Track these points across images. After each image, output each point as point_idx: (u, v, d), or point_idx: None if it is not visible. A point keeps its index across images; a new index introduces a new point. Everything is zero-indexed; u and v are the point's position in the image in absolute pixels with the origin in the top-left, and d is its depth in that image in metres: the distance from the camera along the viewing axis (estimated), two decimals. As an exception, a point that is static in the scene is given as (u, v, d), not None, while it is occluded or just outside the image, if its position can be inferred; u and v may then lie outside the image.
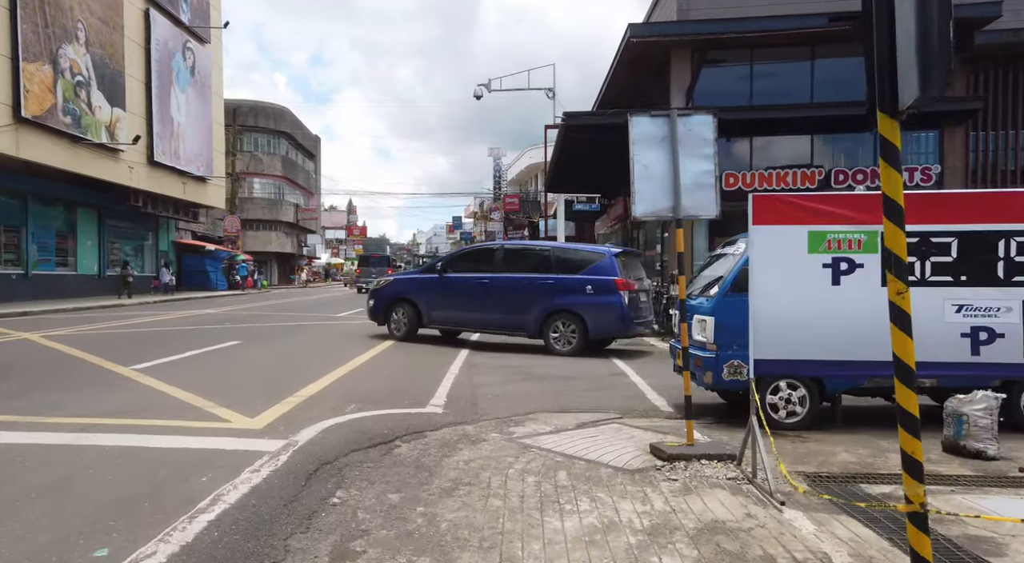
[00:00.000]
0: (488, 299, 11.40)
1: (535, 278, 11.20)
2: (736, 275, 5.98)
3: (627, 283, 10.73)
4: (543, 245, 12.87)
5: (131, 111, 26.73)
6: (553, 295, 10.96)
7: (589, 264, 11.05)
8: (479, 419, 6.03)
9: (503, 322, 11.46)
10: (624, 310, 10.60)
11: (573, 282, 10.94)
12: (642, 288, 11.28)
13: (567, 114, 15.76)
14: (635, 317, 10.89)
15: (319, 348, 10.63)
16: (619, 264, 10.86)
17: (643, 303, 11.35)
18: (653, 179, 5.12)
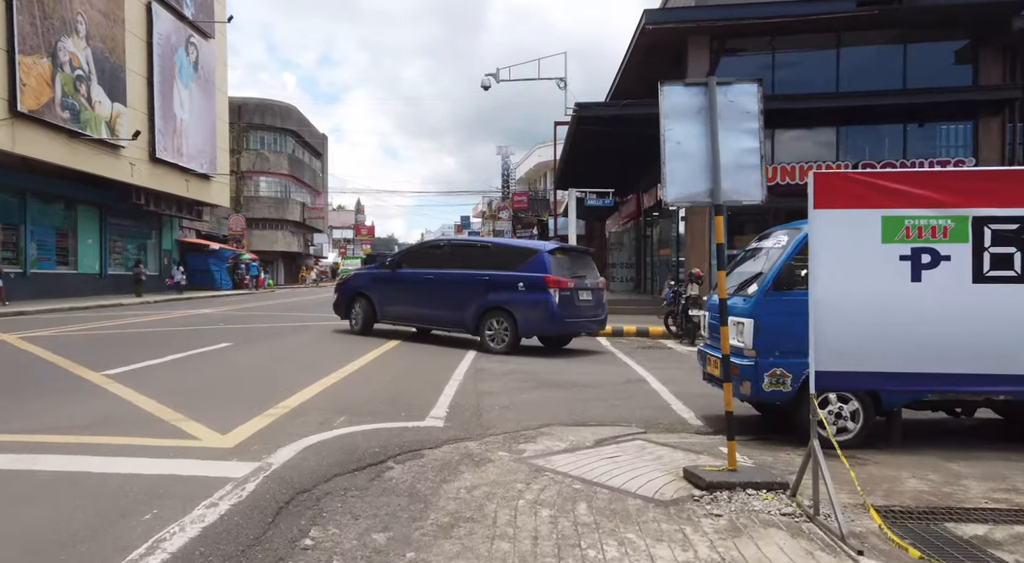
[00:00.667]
0: (433, 295, 11.40)
1: (473, 274, 11.07)
2: (778, 271, 5.23)
3: (558, 280, 10.41)
4: (485, 241, 12.97)
5: (132, 106, 26.20)
6: (488, 292, 10.79)
7: (524, 261, 10.80)
8: (484, 434, 5.32)
9: (445, 318, 11.41)
10: (553, 308, 10.30)
11: (507, 279, 10.72)
12: (582, 286, 10.83)
13: (579, 105, 15.03)
14: (567, 316, 10.49)
15: (315, 351, 9.95)
16: (553, 261, 10.59)
17: (583, 301, 10.87)
18: (687, 158, 4.39)
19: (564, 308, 10.44)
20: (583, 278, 11.01)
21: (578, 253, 11.96)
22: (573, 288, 10.61)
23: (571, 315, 10.60)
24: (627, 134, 17.16)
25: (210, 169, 32.79)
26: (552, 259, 10.65)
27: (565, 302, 10.47)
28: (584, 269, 11.34)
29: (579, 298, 10.78)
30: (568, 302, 10.54)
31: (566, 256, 11.17)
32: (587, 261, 11.76)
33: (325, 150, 65.45)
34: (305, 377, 7.30)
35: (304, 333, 12.75)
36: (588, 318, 11.06)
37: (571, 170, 21.72)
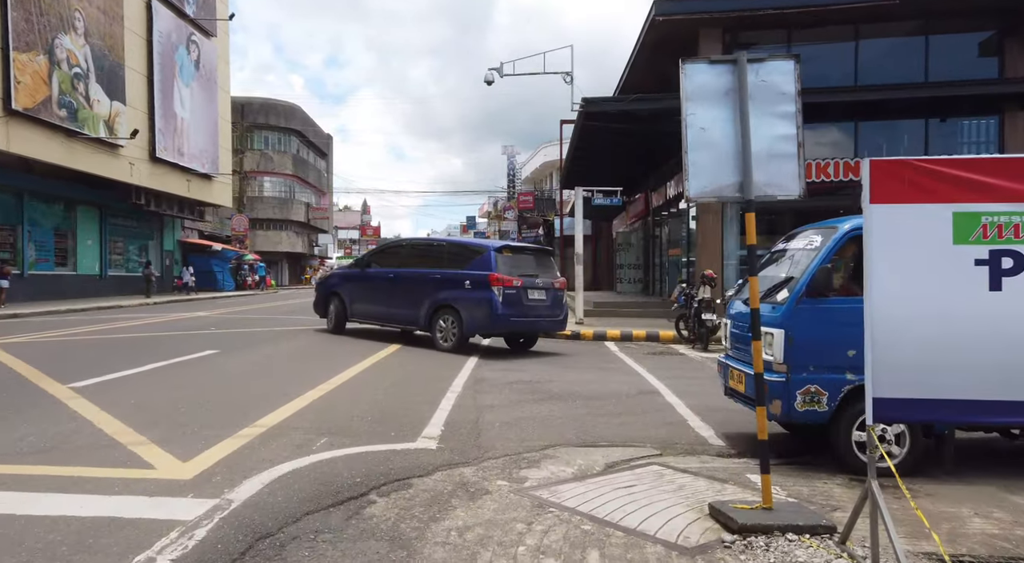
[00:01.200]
0: (393, 293, 11.58)
1: (427, 273, 11.20)
2: (812, 275, 4.64)
3: (502, 279, 10.29)
4: (441, 240, 13.05)
5: (131, 105, 25.78)
6: (439, 289, 10.84)
7: (472, 259, 10.81)
8: (482, 457, 4.76)
9: (402, 316, 11.47)
10: (496, 307, 10.17)
11: (455, 277, 10.76)
12: (532, 285, 10.65)
13: (586, 100, 14.46)
14: (513, 315, 10.35)
15: (306, 359, 9.41)
16: (499, 259, 10.51)
17: (534, 301, 10.71)
18: (713, 147, 3.82)
19: (509, 307, 10.28)
20: (534, 277, 10.81)
21: (533, 252, 11.77)
22: (520, 287, 10.46)
23: (517, 314, 10.43)
24: (635, 131, 16.57)
25: (212, 169, 32.37)
26: (499, 257, 10.56)
27: (510, 301, 10.32)
28: (538, 268, 11.13)
29: (528, 297, 10.62)
30: (514, 301, 10.38)
31: (516, 255, 11.05)
32: (543, 260, 11.55)
33: (330, 150, 65.07)
34: (291, 389, 6.75)
35: (299, 338, 12.22)
36: (540, 318, 10.91)
37: (577, 168, 21.14)
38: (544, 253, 11.98)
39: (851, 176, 14.78)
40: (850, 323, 4.59)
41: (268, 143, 50.97)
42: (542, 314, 10.92)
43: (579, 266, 15.67)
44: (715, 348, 11.80)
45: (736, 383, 5.22)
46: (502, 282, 10.29)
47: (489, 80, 15.86)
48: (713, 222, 15.30)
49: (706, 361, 10.32)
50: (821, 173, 14.83)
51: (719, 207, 15.25)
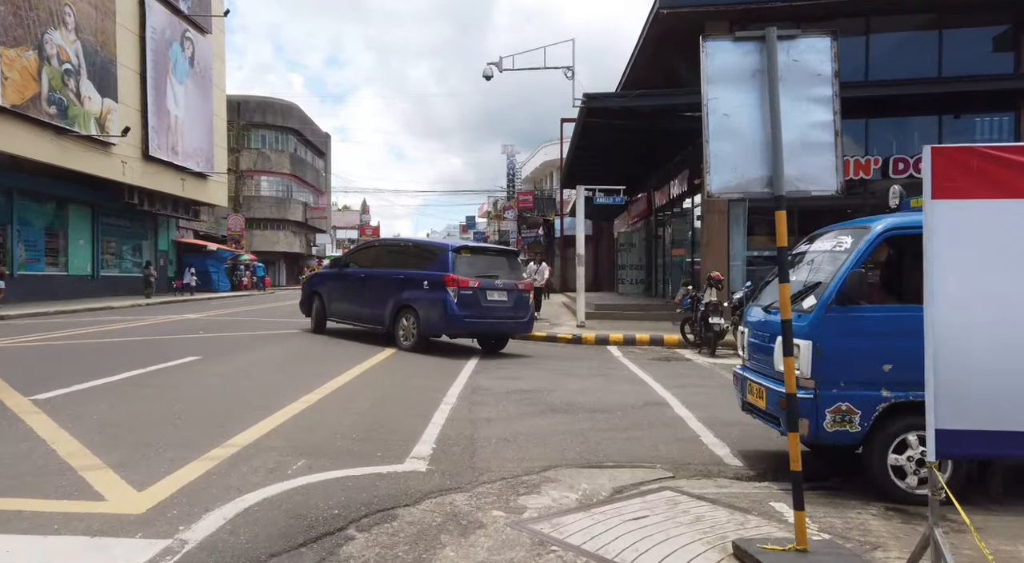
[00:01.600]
0: (363, 293, 11.75)
1: (392, 273, 11.33)
2: (844, 280, 4.18)
3: (457, 279, 10.27)
4: (407, 240, 13.39)
5: (124, 102, 25.31)
6: (402, 289, 10.92)
7: (432, 259, 10.87)
8: (477, 481, 4.30)
9: (370, 315, 11.59)
10: (450, 307, 10.16)
11: (416, 277, 10.83)
12: (491, 286, 10.57)
13: (587, 96, 14.00)
14: (468, 316, 10.29)
15: (293, 365, 8.94)
16: (457, 260, 10.52)
17: (493, 302, 10.62)
18: (738, 136, 3.36)
19: (464, 308, 10.23)
20: (493, 278, 10.69)
21: (495, 253, 11.75)
22: (477, 288, 10.39)
23: (474, 315, 10.37)
24: (638, 128, 16.12)
25: (207, 168, 31.90)
26: (456, 258, 10.57)
27: (466, 301, 10.26)
28: (500, 269, 11.02)
29: (487, 298, 10.54)
30: (470, 301, 10.32)
31: (476, 255, 11.04)
32: (506, 262, 11.45)
33: (328, 149, 64.62)
34: (272, 401, 6.29)
35: (289, 342, 11.77)
36: (501, 319, 10.83)
37: (579, 167, 20.68)
38: (508, 254, 11.90)
39: (861, 175, 14.32)
40: (885, 334, 4.15)
41: (265, 142, 50.50)
42: (503, 315, 10.81)
43: (580, 267, 15.21)
44: (723, 353, 11.35)
45: (755, 398, 4.76)
46: (457, 282, 10.24)
47: (488, 75, 15.40)
48: (719, 222, 14.84)
49: (714, 367, 9.86)
50: (830, 171, 14.35)
51: (725, 206, 14.79)
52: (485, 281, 10.55)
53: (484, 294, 10.49)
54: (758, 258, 15.46)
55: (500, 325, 11.01)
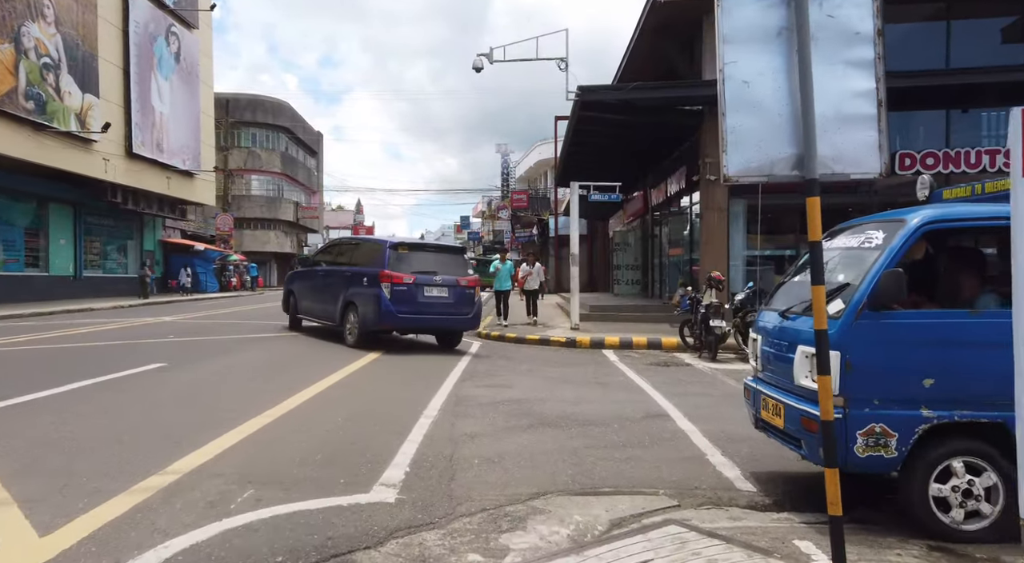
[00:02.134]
0: (323, 290, 12.01)
1: (343, 270, 11.58)
2: (876, 282, 3.60)
3: (391, 275, 10.37)
4: (358, 238, 13.83)
5: (105, 98, 24.61)
6: (348, 286, 11.08)
7: (374, 256, 10.96)
8: (453, 514, 3.71)
9: (324, 312, 11.86)
10: (384, 303, 10.25)
11: (359, 273, 10.96)
12: (428, 282, 10.66)
13: (582, 88, 13.43)
14: (403, 311, 10.39)
15: (266, 372, 8.33)
16: (393, 256, 10.64)
17: (432, 298, 10.70)
18: (761, 108, 2.79)
19: (399, 303, 10.31)
20: (432, 274, 10.75)
21: (437, 249, 11.84)
22: (413, 283, 10.47)
23: (410, 311, 10.43)
24: (634, 123, 15.57)
25: (193, 165, 31.20)
26: (393, 254, 10.69)
27: (401, 297, 10.34)
28: (441, 265, 11.04)
29: (423, 294, 10.60)
30: (406, 297, 10.39)
31: (415, 252, 11.11)
32: (450, 258, 11.46)
33: (320, 148, 63.89)
34: (233, 415, 5.69)
35: (269, 345, 11.16)
36: (441, 315, 10.88)
37: (573, 164, 20.11)
38: (452, 251, 12.00)
39: (866, 171, 13.78)
40: (926, 343, 3.58)
41: (256, 140, 49.76)
42: (443, 312, 10.84)
43: (574, 267, 14.64)
44: (724, 357, 10.80)
45: (772, 415, 4.19)
46: (391, 279, 10.33)
47: (478, 66, 14.81)
48: (718, 220, 14.29)
49: (716, 373, 9.30)
50: (834, 167, 13.82)
51: (725, 204, 14.25)
52: (422, 277, 10.58)
53: (421, 290, 10.54)
54: (759, 258, 14.93)
55: (440, 321, 11.02)
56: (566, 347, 12.27)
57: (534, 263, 15.74)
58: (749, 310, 10.67)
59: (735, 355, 11.14)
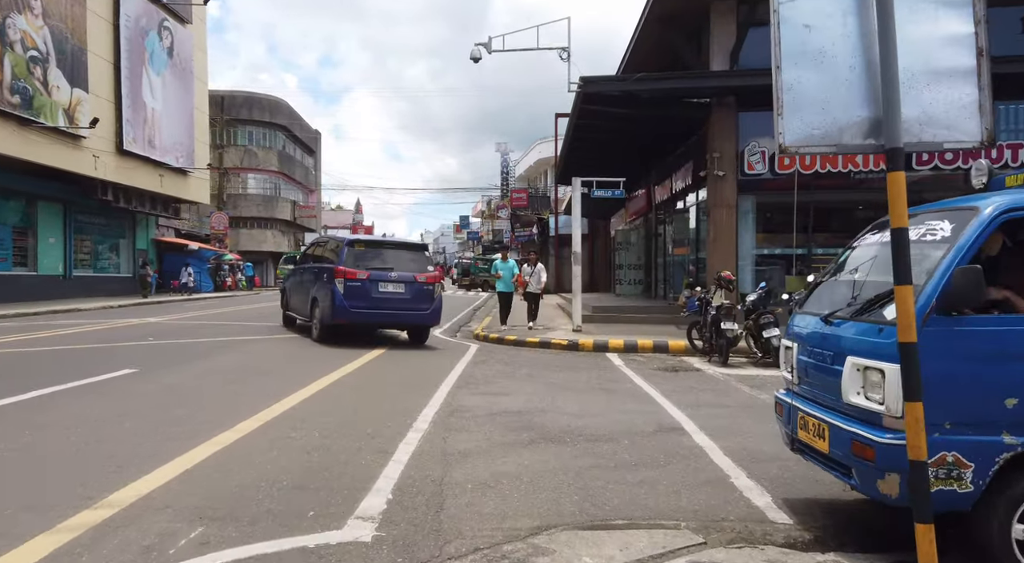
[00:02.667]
0: (300, 287, 12.66)
1: (314, 267, 12.08)
2: (947, 280, 2.99)
3: (345, 271, 10.77)
4: (330, 237, 14.31)
5: (95, 93, 24.03)
6: (315, 282, 11.60)
7: (336, 253, 11.38)
8: (440, 556, 3.13)
9: (302, 309, 12.33)
10: (338, 298, 10.69)
11: (322, 270, 11.45)
12: (383, 278, 11.02)
13: (584, 79, 12.83)
14: (356, 306, 10.75)
15: (244, 378, 7.73)
16: (350, 253, 11.06)
17: (387, 293, 11.03)
18: (826, 60, 2.20)
19: (352, 299, 10.70)
20: (387, 271, 11.06)
21: (394, 246, 12.10)
22: (366, 279, 10.82)
23: (364, 306, 10.77)
24: (638, 117, 14.99)
25: (187, 163, 30.60)
26: (349, 251, 11.11)
27: (355, 293, 10.71)
28: (398, 262, 11.33)
29: (378, 290, 10.93)
30: (359, 293, 10.75)
31: (371, 249, 11.50)
32: (407, 255, 11.69)
33: (318, 147, 63.27)
34: (197, 430, 5.09)
35: (252, 348, 10.58)
36: (397, 311, 11.17)
37: (574, 159, 19.50)
38: (412, 248, 12.17)
39: (881, 166, 13.18)
40: (1009, 355, 2.98)
41: (252, 139, 49.15)
42: (399, 307, 11.11)
43: (576, 266, 14.04)
44: (735, 361, 10.20)
45: (812, 437, 3.59)
46: (345, 275, 10.72)
47: (476, 57, 14.23)
48: (727, 217, 13.69)
49: (729, 380, 8.71)
50: (848, 162, 13.24)
51: (733, 200, 13.66)
52: (376, 273, 10.90)
53: (375, 286, 10.87)
54: (768, 257, 14.34)
55: (395, 316, 11.31)
56: (568, 350, 11.68)
57: (536, 263, 14.97)
58: (762, 312, 10.08)
59: (747, 359, 10.55)
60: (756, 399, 7.34)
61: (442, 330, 14.60)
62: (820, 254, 13.94)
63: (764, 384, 8.31)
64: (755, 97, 13.62)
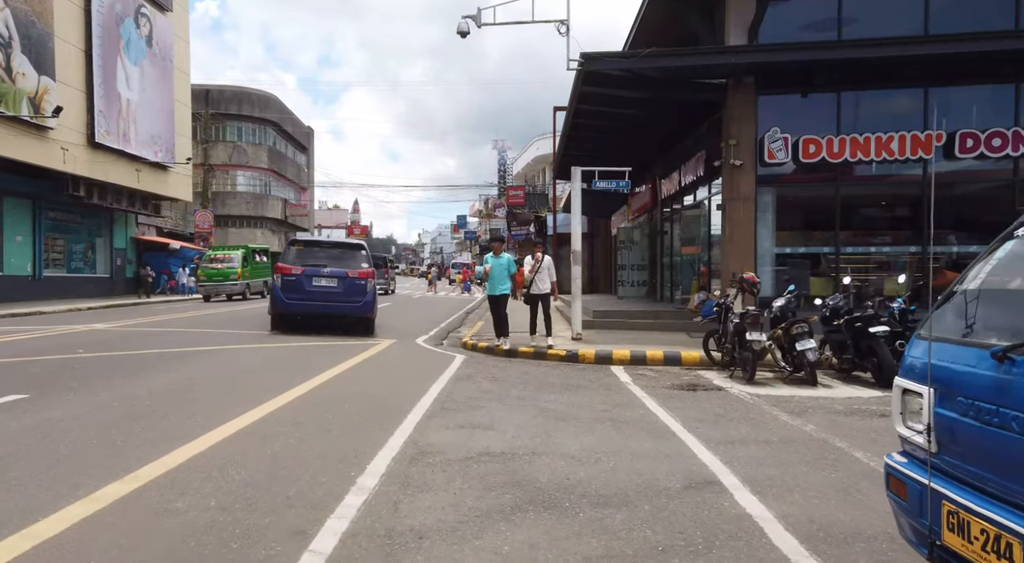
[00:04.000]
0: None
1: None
2: None
3: (283, 267, 12.60)
4: (295, 238, 15.86)
5: (64, 81, 22.57)
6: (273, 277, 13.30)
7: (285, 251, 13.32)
8: None
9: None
10: (276, 291, 12.71)
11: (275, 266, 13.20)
12: (317, 274, 12.50)
13: (585, 56, 11.38)
14: (291, 298, 12.49)
15: (144, 414, 6.23)
16: (292, 251, 13.03)
17: (320, 287, 12.54)
18: None
19: (288, 291, 12.48)
20: (321, 267, 12.58)
21: (331, 246, 14.09)
22: (301, 274, 12.41)
23: (298, 298, 12.48)
24: (646, 101, 13.54)
25: (167, 158, 29.13)
26: (290, 249, 13.08)
27: (290, 286, 12.46)
28: (333, 260, 12.83)
29: (311, 284, 12.48)
30: (294, 286, 12.45)
31: (310, 248, 13.33)
32: (344, 253, 13.23)
33: (311, 144, 61.82)
34: (35, 496, 3.62)
35: (204, 362, 9.13)
36: (330, 302, 12.57)
37: (574, 148, 18.03)
38: (348, 247, 13.77)
39: (920, 153, 11.75)
40: None
41: (241, 134, 47.71)
42: (332, 299, 12.54)
43: (576, 266, 12.57)
44: (761, 377, 8.74)
45: (981, 552, 2.13)
46: (282, 270, 12.52)
47: (464, 30, 12.78)
48: (744, 212, 12.25)
49: (760, 403, 7.25)
50: (883, 150, 11.79)
51: (752, 193, 12.21)
52: (311, 269, 12.43)
53: (309, 280, 12.43)
54: (791, 257, 12.89)
55: (328, 307, 12.60)
56: (566, 362, 10.23)
57: (542, 254, 11.48)
58: (794, 320, 8.62)
59: (773, 374, 9.11)
60: (801, 432, 5.89)
61: (426, 338, 13.15)
62: (850, 253, 12.49)
63: (804, 409, 6.87)
64: (777, 77, 12.18)
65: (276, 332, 12.75)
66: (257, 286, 29.00)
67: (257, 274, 29.04)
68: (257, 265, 29.35)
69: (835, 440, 5.58)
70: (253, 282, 28.69)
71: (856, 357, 8.66)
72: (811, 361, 8.24)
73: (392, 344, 11.84)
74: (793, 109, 12.36)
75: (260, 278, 29.01)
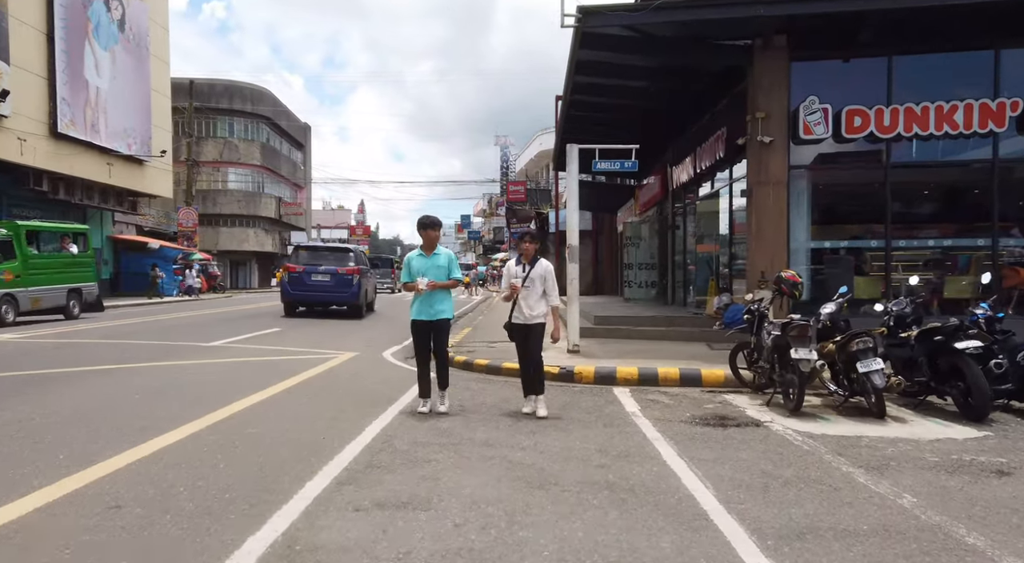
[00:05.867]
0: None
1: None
2: None
3: (289, 266, 17.09)
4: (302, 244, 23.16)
5: (21, 66, 20.77)
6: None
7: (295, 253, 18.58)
8: None
9: None
10: (284, 285, 17.12)
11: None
12: (314, 270, 16.47)
13: (583, 10, 9.41)
14: (295, 290, 16.65)
15: (44, 441, 4.33)
16: (296, 253, 17.92)
17: (315, 281, 16.41)
18: None
19: (293, 285, 16.58)
20: (317, 265, 16.53)
21: (326, 249, 18.14)
22: (302, 271, 16.48)
23: (301, 290, 16.57)
24: (655, 70, 11.57)
25: (142, 151, 27.33)
26: (297, 251, 18.07)
27: (294, 281, 16.57)
28: (327, 260, 16.81)
29: (311, 279, 16.38)
30: (297, 281, 16.53)
31: (311, 251, 17.96)
32: (336, 255, 17.26)
33: (308, 141, 60.05)
34: None
35: (135, 379, 7.22)
36: (325, 293, 16.61)
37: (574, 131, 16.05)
38: (340, 250, 17.91)
39: (990, 125, 9.71)
40: None
41: (233, 130, 45.95)
42: (326, 290, 16.51)
43: (572, 264, 10.57)
44: (809, 405, 6.74)
45: None
46: (288, 268, 16.98)
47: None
48: (774, 200, 10.25)
49: (818, 448, 5.25)
50: (944, 122, 9.76)
51: (784, 176, 10.23)
52: (310, 267, 16.48)
53: (308, 276, 16.35)
54: (831, 252, 10.89)
55: (323, 297, 16.76)
56: (559, 382, 8.27)
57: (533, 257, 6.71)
58: (853, 333, 6.61)
59: (819, 398, 7.14)
60: (899, 511, 3.89)
61: (398, 348, 11.18)
62: (903, 248, 10.47)
63: (885, 462, 4.86)
64: (814, 37, 10.17)
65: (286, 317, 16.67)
66: (55, 298, 16.23)
67: (53, 277, 16.24)
68: (49, 260, 16.38)
69: (956, 528, 3.60)
70: (37, 291, 15.61)
71: (933, 381, 6.64)
72: (878, 387, 6.24)
73: (351, 358, 9.91)
74: (833, 75, 10.37)
75: (63, 284, 16.53)
